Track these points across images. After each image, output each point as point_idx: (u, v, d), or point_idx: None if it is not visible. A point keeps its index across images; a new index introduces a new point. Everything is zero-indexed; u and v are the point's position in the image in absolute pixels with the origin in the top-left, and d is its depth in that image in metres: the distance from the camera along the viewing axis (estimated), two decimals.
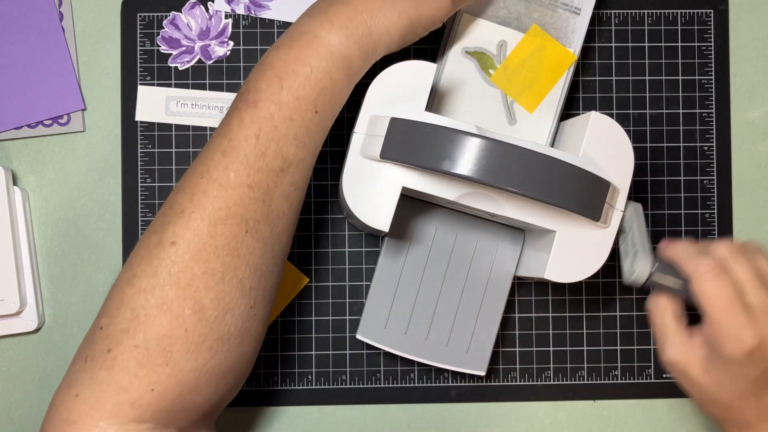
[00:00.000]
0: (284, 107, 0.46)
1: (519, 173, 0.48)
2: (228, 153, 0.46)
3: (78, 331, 0.62)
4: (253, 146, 0.46)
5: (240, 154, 0.46)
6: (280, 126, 0.46)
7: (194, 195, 0.46)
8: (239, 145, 0.46)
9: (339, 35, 0.48)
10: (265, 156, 0.46)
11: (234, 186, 0.45)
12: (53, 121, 0.62)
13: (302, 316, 0.62)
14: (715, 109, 0.63)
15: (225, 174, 0.45)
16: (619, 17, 0.63)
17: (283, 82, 0.46)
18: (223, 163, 0.46)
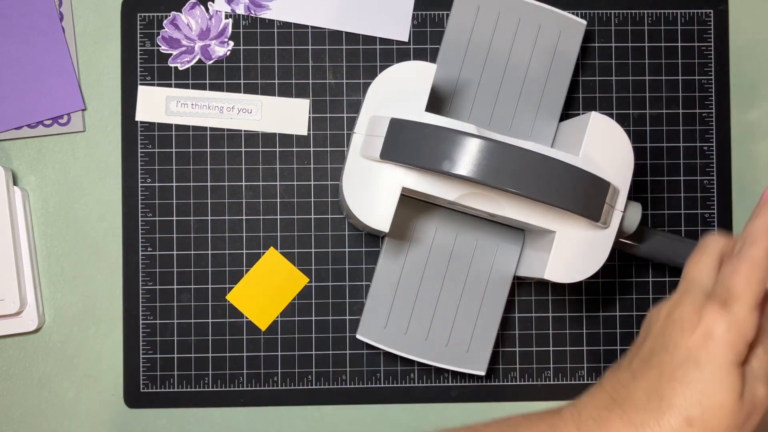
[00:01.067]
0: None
1: (519, 174, 0.48)
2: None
3: (78, 331, 0.62)
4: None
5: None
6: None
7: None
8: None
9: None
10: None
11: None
12: (53, 121, 0.62)
13: (302, 316, 0.62)
14: (715, 109, 0.63)
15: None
16: (619, 17, 0.63)
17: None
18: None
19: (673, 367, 0.38)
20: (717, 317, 0.38)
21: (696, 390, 0.37)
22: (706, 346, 0.38)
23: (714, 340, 0.38)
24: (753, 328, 0.38)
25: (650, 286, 0.63)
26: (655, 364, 0.39)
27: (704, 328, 0.38)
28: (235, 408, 0.62)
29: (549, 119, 0.59)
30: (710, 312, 0.38)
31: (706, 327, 0.38)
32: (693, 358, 0.38)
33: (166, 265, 0.62)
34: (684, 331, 0.39)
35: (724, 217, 0.63)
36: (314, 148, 0.62)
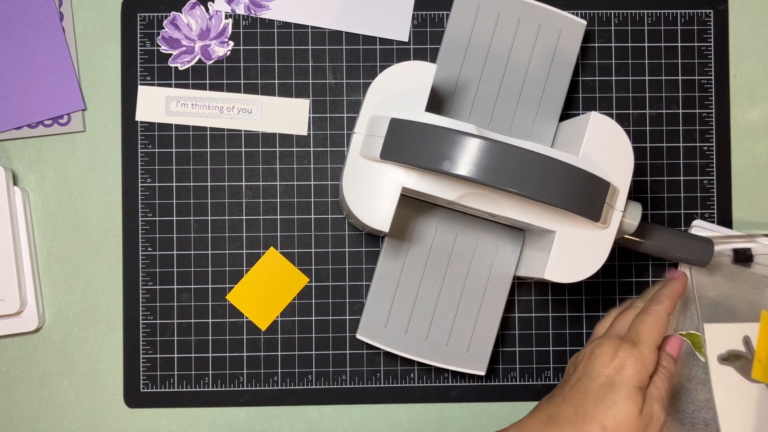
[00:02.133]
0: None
1: (518, 174, 0.48)
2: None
3: (78, 331, 0.62)
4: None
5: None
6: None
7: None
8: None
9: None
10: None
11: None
12: (53, 121, 0.62)
13: (302, 316, 0.62)
14: (715, 109, 0.63)
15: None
16: (619, 17, 0.63)
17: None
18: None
19: (594, 390, 0.51)
20: (628, 353, 0.51)
21: (611, 406, 0.50)
22: (620, 374, 0.50)
23: (626, 369, 0.50)
24: (653, 363, 0.51)
25: (650, 286, 0.63)
26: (581, 389, 0.51)
27: (619, 361, 0.51)
28: (235, 408, 0.62)
29: (549, 119, 0.59)
30: (623, 349, 0.51)
31: (620, 360, 0.51)
32: (609, 383, 0.50)
33: (166, 265, 0.62)
34: (604, 364, 0.51)
35: (724, 217, 0.63)
36: (314, 148, 0.62)
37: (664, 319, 0.53)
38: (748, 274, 0.61)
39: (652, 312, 0.53)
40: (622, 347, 0.51)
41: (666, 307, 0.54)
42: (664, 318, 0.53)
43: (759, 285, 0.61)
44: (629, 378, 0.50)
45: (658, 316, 0.53)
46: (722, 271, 0.62)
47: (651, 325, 0.52)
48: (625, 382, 0.50)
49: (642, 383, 0.51)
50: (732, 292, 0.61)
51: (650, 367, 0.51)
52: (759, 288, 0.61)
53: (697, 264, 0.57)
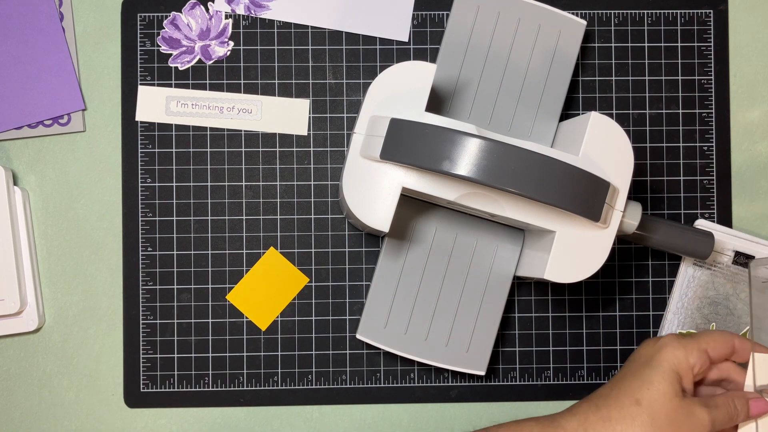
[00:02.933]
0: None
1: (518, 174, 0.48)
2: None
3: (78, 331, 0.62)
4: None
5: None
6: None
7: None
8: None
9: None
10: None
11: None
12: (53, 121, 0.62)
13: (302, 316, 0.62)
14: (715, 109, 0.63)
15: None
16: (619, 17, 0.63)
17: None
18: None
19: (633, 369, 0.51)
20: (672, 340, 0.51)
21: (645, 381, 0.50)
22: (659, 354, 0.51)
23: (665, 349, 0.51)
24: (698, 362, 0.51)
25: (650, 285, 0.63)
26: (622, 371, 0.52)
27: (661, 342, 0.51)
28: (235, 408, 0.62)
29: (549, 119, 0.59)
30: (669, 336, 0.52)
31: (663, 342, 0.51)
32: (647, 361, 0.51)
33: (166, 265, 0.62)
34: (647, 346, 0.52)
35: (724, 217, 0.63)
36: (314, 148, 0.62)
37: (730, 337, 0.52)
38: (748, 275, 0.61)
39: (720, 330, 0.53)
40: (668, 335, 0.52)
41: (737, 336, 0.53)
42: (729, 335, 0.52)
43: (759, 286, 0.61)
44: (665, 359, 0.50)
45: (725, 333, 0.53)
46: (723, 271, 0.62)
47: (712, 333, 0.52)
48: (662, 362, 0.50)
49: (680, 368, 0.50)
50: (732, 293, 0.61)
51: (693, 360, 0.50)
52: (759, 289, 0.61)
53: (698, 257, 0.57)
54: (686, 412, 0.49)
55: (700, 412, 0.49)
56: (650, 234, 0.57)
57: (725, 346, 0.52)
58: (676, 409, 0.49)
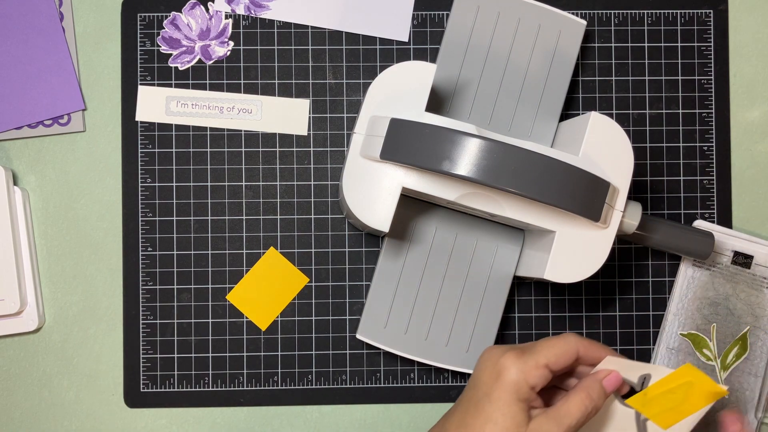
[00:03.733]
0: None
1: (518, 174, 0.48)
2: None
3: (78, 331, 0.62)
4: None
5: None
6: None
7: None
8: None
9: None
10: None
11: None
12: (53, 121, 0.62)
13: (302, 316, 0.62)
14: (715, 109, 0.63)
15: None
16: (619, 17, 0.63)
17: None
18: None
19: (475, 400, 0.48)
20: (510, 362, 0.47)
21: (488, 419, 0.46)
22: (497, 384, 0.47)
23: (503, 376, 0.47)
24: (539, 381, 0.47)
25: (650, 285, 0.63)
26: (465, 398, 0.49)
27: (499, 366, 0.47)
28: (235, 408, 0.62)
29: (549, 119, 0.59)
30: (507, 357, 0.47)
31: (501, 366, 0.47)
32: (488, 392, 0.47)
33: (166, 265, 0.62)
34: (485, 370, 0.48)
35: (723, 217, 0.63)
36: (314, 148, 0.62)
37: (572, 345, 0.48)
38: (748, 275, 0.61)
39: (563, 336, 0.49)
40: (506, 355, 0.48)
41: (580, 341, 0.49)
42: (571, 343, 0.48)
43: (758, 286, 0.61)
44: (505, 390, 0.47)
45: (566, 338, 0.49)
46: (722, 271, 0.62)
47: (552, 343, 0.48)
48: (502, 395, 0.47)
49: (522, 395, 0.47)
50: (732, 293, 0.61)
51: (534, 381, 0.47)
52: (758, 289, 0.61)
53: (698, 257, 0.57)
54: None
55: (552, 429, 0.47)
56: (650, 234, 0.57)
57: (567, 357, 0.48)
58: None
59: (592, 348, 0.49)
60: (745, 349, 0.61)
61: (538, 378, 0.47)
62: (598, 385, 0.48)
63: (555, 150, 0.52)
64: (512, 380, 0.47)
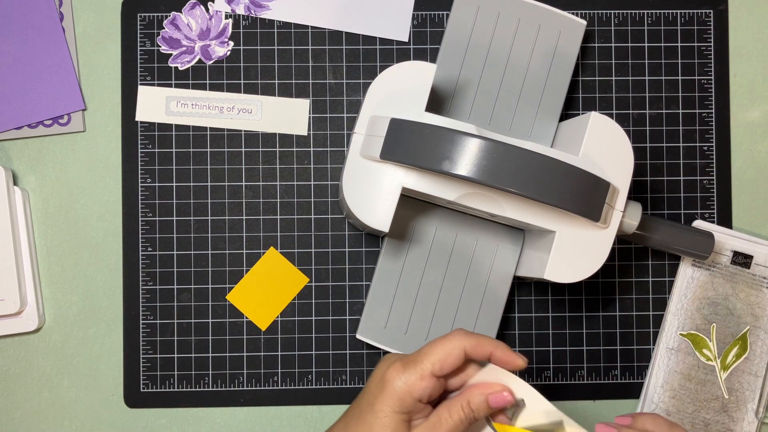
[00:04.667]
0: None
1: (518, 174, 0.48)
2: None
3: (78, 331, 0.62)
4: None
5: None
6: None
7: None
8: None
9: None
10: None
11: None
12: (53, 121, 0.62)
13: (302, 316, 0.62)
14: (715, 109, 0.63)
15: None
16: (619, 17, 0.63)
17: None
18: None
19: (361, 408, 0.47)
20: (393, 375, 0.46)
21: (368, 430, 0.46)
22: (381, 395, 0.46)
23: (386, 389, 0.46)
24: (424, 391, 0.46)
25: (650, 285, 0.63)
26: (353, 407, 0.48)
27: (385, 378, 0.47)
28: (235, 408, 0.62)
29: (549, 119, 0.59)
30: (393, 369, 0.47)
31: (386, 378, 0.47)
32: (371, 403, 0.47)
33: (166, 265, 0.62)
34: (374, 380, 0.47)
35: (724, 217, 0.63)
36: (314, 148, 0.62)
37: (457, 346, 0.47)
38: (748, 275, 0.61)
39: (448, 337, 0.47)
40: (393, 366, 0.47)
41: (465, 343, 0.47)
42: (456, 343, 0.47)
43: (758, 286, 0.61)
44: (386, 403, 0.46)
45: (451, 340, 0.47)
46: (722, 271, 0.62)
47: (436, 347, 0.47)
48: (383, 407, 0.46)
49: (405, 408, 0.46)
50: (731, 293, 0.61)
51: (419, 393, 0.46)
52: (758, 289, 0.61)
53: (698, 257, 0.57)
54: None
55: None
56: (650, 234, 0.57)
57: (452, 359, 0.47)
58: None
59: (480, 345, 0.47)
60: (745, 349, 0.61)
61: (424, 389, 0.46)
62: (482, 398, 0.47)
63: (555, 150, 0.52)
64: (395, 394, 0.46)
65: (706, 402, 0.61)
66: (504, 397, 0.47)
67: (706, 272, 0.62)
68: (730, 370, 0.61)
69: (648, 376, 0.62)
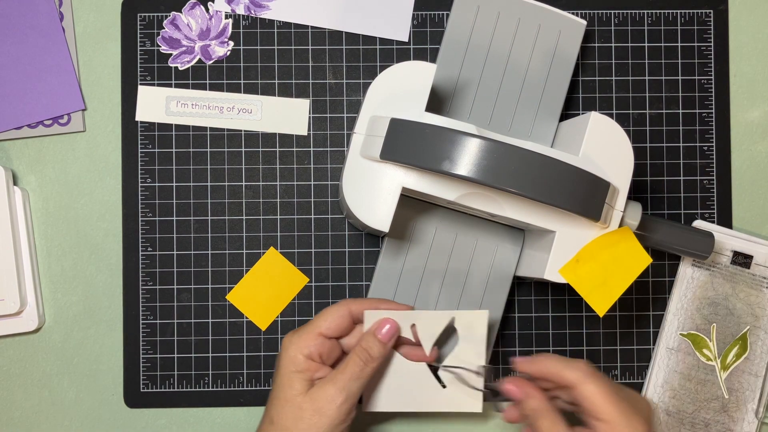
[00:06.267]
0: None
1: (518, 174, 0.48)
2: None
3: (78, 331, 0.62)
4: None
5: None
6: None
7: None
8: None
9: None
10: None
11: None
12: (53, 121, 0.62)
13: (302, 316, 0.62)
14: (715, 109, 0.63)
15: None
16: (619, 17, 0.63)
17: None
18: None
19: (274, 378, 0.52)
20: (288, 340, 0.52)
21: (275, 392, 0.51)
22: (278, 362, 0.52)
23: (281, 355, 0.51)
24: (315, 349, 0.51)
25: (650, 285, 0.63)
26: (273, 381, 0.52)
27: (282, 347, 0.52)
28: (235, 408, 0.62)
29: (549, 119, 0.59)
30: (288, 335, 0.52)
31: (282, 347, 0.52)
32: (277, 369, 0.52)
33: (166, 265, 0.62)
34: (280, 352, 0.52)
35: (724, 217, 0.63)
36: (314, 148, 0.62)
37: (343, 308, 0.52)
38: (748, 275, 0.61)
39: (336, 303, 0.53)
40: (289, 333, 0.52)
41: (352, 305, 0.53)
42: (342, 307, 0.52)
43: (758, 286, 0.61)
44: (283, 366, 0.51)
45: (339, 304, 0.53)
46: (722, 271, 0.62)
47: (325, 311, 0.52)
48: (282, 370, 0.51)
49: (298, 367, 0.50)
50: (731, 293, 0.61)
51: (307, 351, 0.51)
52: (758, 289, 0.61)
53: (698, 257, 0.57)
54: (314, 404, 0.49)
55: (328, 392, 0.50)
56: (650, 234, 0.57)
57: (339, 320, 0.52)
58: (302, 409, 0.50)
59: (365, 304, 0.53)
60: (745, 349, 0.61)
61: (312, 347, 0.51)
62: (372, 339, 0.51)
63: (555, 150, 0.52)
64: (289, 355, 0.51)
65: (706, 402, 0.61)
66: (391, 327, 0.52)
67: (706, 272, 0.62)
68: (730, 370, 0.61)
69: (648, 376, 0.62)
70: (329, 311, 0.52)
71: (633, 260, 0.52)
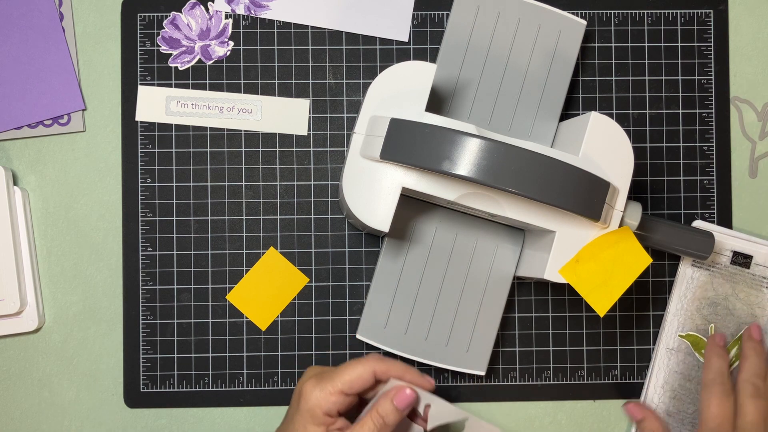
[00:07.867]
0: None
1: (518, 174, 0.48)
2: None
3: (78, 331, 0.62)
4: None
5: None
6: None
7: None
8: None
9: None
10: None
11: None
12: (53, 121, 0.62)
13: (302, 316, 0.62)
14: (715, 109, 0.63)
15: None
16: (619, 17, 0.63)
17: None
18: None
19: (286, 421, 0.53)
20: (309, 389, 0.51)
21: None
22: (299, 404, 0.51)
23: (301, 401, 0.51)
24: (334, 406, 0.51)
25: (650, 285, 0.63)
26: (288, 411, 0.53)
27: (302, 391, 0.51)
28: (235, 408, 0.62)
29: (549, 119, 0.59)
30: (308, 384, 0.51)
31: (302, 391, 0.51)
32: (292, 415, 0.52)
33: (166, 265, 0.62)
34: (296, 393, 0.53)
35: (723, 217, 0.63)
36: (314, 148, 0.62)
37: (368, 369, 0.52)
38: (747, 275, 0.61)
39: (362, 360, 0.52)
40: (309, 381, 0.52)
41: (377, 366, 0.52)
42: (367, 367, 0.52)
43: (758, 286, 0.61)
44: (302, 415, 0.51)
45: (364, 362, 0.52)
46: (721, 271, 0.62)
47: (349, 368, 0.52)
48: (300, 419, 0.51)
49: (317, 421, 0.51)
50: (731, 293, 0.61)
51: (327, 407, 0.51)
52: (758, 289, 0.61)
53: (698, 257, 0.57)
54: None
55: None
56: (650, 234, 0.57)
57: (362, 380, 0.52)
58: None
59: (390, 370, 0.52)
60: None
61: (333, 404, 0.51)
62: (388, 403, 0.51)
63: (555, 150, 0.52)
64: (308, 407, 0.51)
65: None
66: (407, 394, 0.51)
67: (706, 272, 0.62)
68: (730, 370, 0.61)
69: (648, 376, 0.62)
70: (354, 368, 0.52)
71: (633, 260, 0.52)
